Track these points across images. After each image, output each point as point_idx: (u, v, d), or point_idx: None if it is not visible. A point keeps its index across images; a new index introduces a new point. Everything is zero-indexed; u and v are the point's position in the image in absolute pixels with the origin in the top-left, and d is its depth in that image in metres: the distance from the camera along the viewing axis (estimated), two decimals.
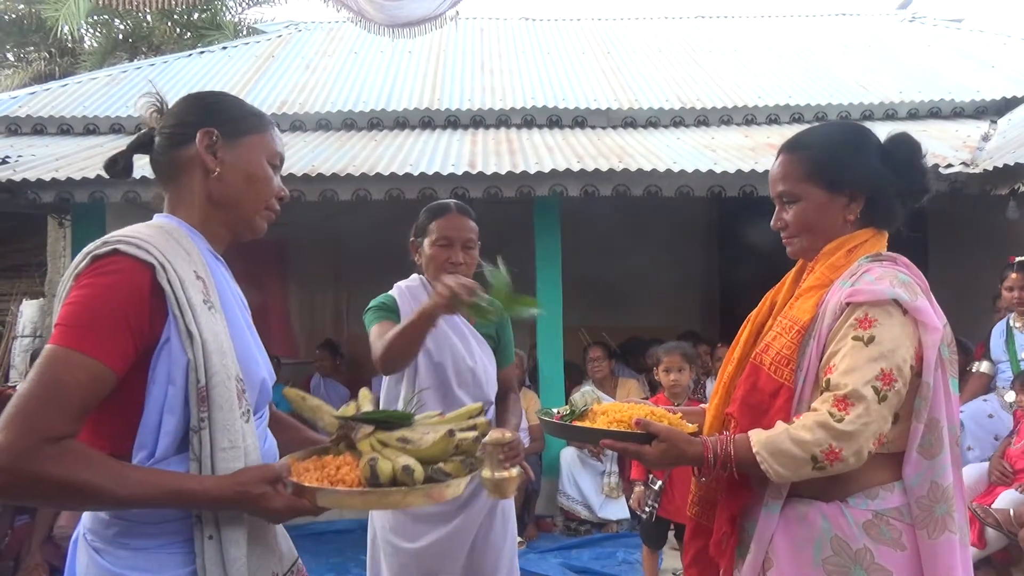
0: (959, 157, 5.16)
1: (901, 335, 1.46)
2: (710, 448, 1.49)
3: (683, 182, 5.01)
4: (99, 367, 1.17)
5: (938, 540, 1.46)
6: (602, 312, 6.90)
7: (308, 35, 9.23)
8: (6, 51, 12.59)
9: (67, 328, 1.18)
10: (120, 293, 1.21)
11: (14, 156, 5.59)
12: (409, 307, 2.33)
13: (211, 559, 1.24)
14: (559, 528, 5.15)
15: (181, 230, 1.34)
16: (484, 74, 7.94)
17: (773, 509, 1.54)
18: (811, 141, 1.65)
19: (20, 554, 4.46)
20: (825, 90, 7.36)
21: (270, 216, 1.44)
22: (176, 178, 1.38)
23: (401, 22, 4.29)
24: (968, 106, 7.00)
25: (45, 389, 1.15)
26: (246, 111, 1.43)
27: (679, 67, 8.24)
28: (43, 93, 7.39)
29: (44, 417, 1.14)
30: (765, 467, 1.44)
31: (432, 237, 2.37)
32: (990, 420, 4.20)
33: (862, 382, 1.42)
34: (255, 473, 1.26)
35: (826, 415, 1.43)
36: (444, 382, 2.32)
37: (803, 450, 1.42)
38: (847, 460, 1.42)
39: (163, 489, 1.19)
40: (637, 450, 1.53)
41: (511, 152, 5.79)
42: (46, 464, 1.13)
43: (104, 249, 1.23)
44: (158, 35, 11.91)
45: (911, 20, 9.84)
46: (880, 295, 1.46)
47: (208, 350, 1.24)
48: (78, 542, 1.31)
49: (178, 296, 1.24)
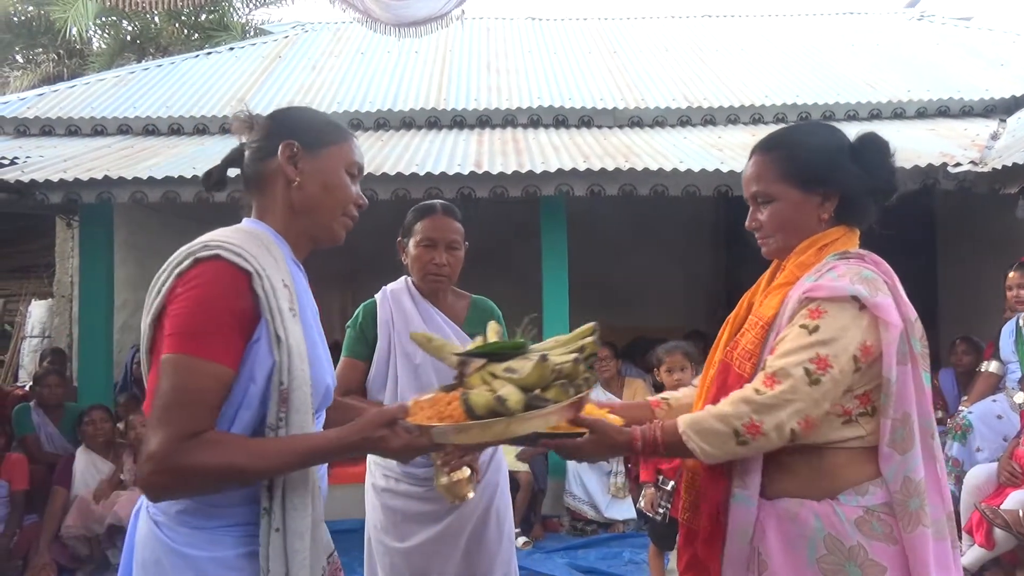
0: (968, 156, 5.13)
1: (849, 326, 1.47)
2: (638, 435, 1.54)
3: (690, 181, 5.00)
4: (222, 370, 1.28)
5: (912, 534, 1.47)
6: (608, 312, 6.88)
7: (315, 36, 9.25)
8: (15, 53, 12.64)
9: (188, 336, 1.27)
10: (230, 298, 1.30)
11: (22, 157, 5.61)
12: (388, 314, 2.38)
13: (275, 549, 1.31)
14: (565, 528, 5.14)
15: (269, 236, 1.43)
16: (490, 74, 7.94)
17: (743, 501, 1.55)
18: (784, 141, 1.66)
19: (28, 553, 4.48)
20: (832, 89, 7.33)
21: (347, 223, 1.53)
22: (262, 188, 1.47)
23: (407, 21, 4.29)
24: (977, 105, 6.96)
25: (179, 398, 1.25)
26: (325, 123, 1.52)
27: (686, 66, 8.22)
28: (51, 94, 7.42)
29: (182, 421, 1.25)
30: (692, 446, 1.48)
31: (417, 238, 2.39)
32: (999, 421, 4.17)
33: (794, 363, 1.45)
34: (373, 418, 1.36)
35: (750, 391, 1.47)
36: (423, 382, 2.32)
37: (725, 424, 1.46)
38: (768, 435, 1.44)
39: (297, 452, 1.31)
40: (573, 444, 1.55)
41: (517, 152, 5.79)
42: (191, 456, 1.24)
43: (206, 253, 1.31)
44: (166, 36, 11.94)
45: (919, 18, 9.79)
46: (838, 291, 1.48)
47: (292, 355, 1.33)
48: (139, 514, 1.38)
49: (271, 302, 1.33)
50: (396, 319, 2.39)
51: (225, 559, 1.31)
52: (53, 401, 5.16)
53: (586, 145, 6.05)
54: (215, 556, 1.31)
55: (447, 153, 5.77)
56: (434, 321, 2.38)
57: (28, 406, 5.18)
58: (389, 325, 2.39)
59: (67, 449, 5.04)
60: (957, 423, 4.23)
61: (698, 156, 5.43)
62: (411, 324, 2.35)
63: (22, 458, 4.73)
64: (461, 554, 2.34)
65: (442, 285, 2.42)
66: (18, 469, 4.62)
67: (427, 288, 2.42)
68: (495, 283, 2.65)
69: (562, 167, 5.05)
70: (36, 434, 5.08)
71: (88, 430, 4.71)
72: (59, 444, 5.09)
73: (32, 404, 5.19)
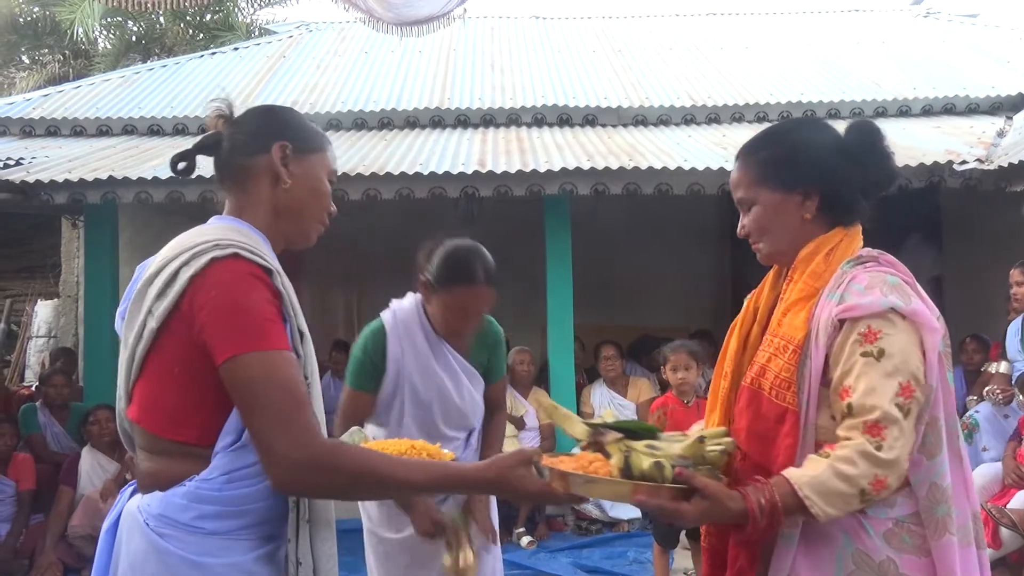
0: (974, 154, 5.11)
1: (908, 343, 1.40)
2: (752, 500, 1.37)
3: (694, 180, 4.99)
4: (292, 356, 1.29)
5: (939, 542, 1.41)
6: (613, 311, 6.88)
7: (319, 35, 9.26)
8: (21, 53, 12.69)
9: (251, 333, 1.25)
10: (263, 291, 1.29)
11: (28, 157, 5.63)
12: (398, 350, 2.27)
13: (303, 541, 1.30)
14: (570, 527, 5.13)
15: (253, 234, 1.39)
16: (494, 73, 7.93)
17: (790, 537, 1.47)
18: (759, 144, 1.62)
19: (35, 552, 4.50)
20: (838, 87, 7.30)
21: (320, 229, 1.53)
22: (244, 184, 1.43)
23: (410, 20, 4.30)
24: (983, 102, 6.93)
25: (282, 391, 1.23)
26: (314, 129, 1.52)
27: (690, 64, 8.20)
28: (57, 95, 7.45)
29: (303, 415, 1.24)
30: (815, 510, 1.36)
31: (450, 299, 2.21)
32: (1006, 420, 4.15)
33: (887, 401, 1.36)
34: (514, 457, 1.37)
35: (865, 444, 1.36)
36: (429, 419, 2.30)
37: (851, 485, 1.35)
38: (891, 486, 1.38)
39: (435, 474, 1.34)
40: (675, 509, 1.38)
41: (521, 151, 5.79)
42: (339, 457, 1.26)
43: (223, 252, 1.28)
44: (171, 36, 11.96)
45: (925, 15, 9.75)
46: (874, 307, 1.40)
47: (308, 349, 1.35)
48: (125, 529, 1.30)
49: (291, 298, 1.34)
50: (407, 355, 2.28)
51: (242, 564, 1.28)
52: (59, 401, 5.18)
53: (590, 144, 6.04)
54: (232, 562, 1.27)
55: (451, 152, 5.76)
56: (445, 360, 2.31)
57: (34, 406, 5.20)
58: (399, 361, 2.28)
59: (73, 449, 5.06)
60: (964, 422, 4.22)
61: (703, 155, 5.42)
62: (422, 362, 2.28)
63: (29, 458, 4.75)
64: None
65: (464, 339, 2.34)
66: (25, 469, 4.64)
67: (446, 335, 2.31)
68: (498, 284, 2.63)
69: (566, 166, 5.04)
70: (42, 434, 5.10)
71: (94, 430, 4.72)
72: (65, 444, 5.11)
73: (38, 404, 5.21)
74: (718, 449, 1.47)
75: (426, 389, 2.28)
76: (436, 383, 2.29)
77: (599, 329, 6.27)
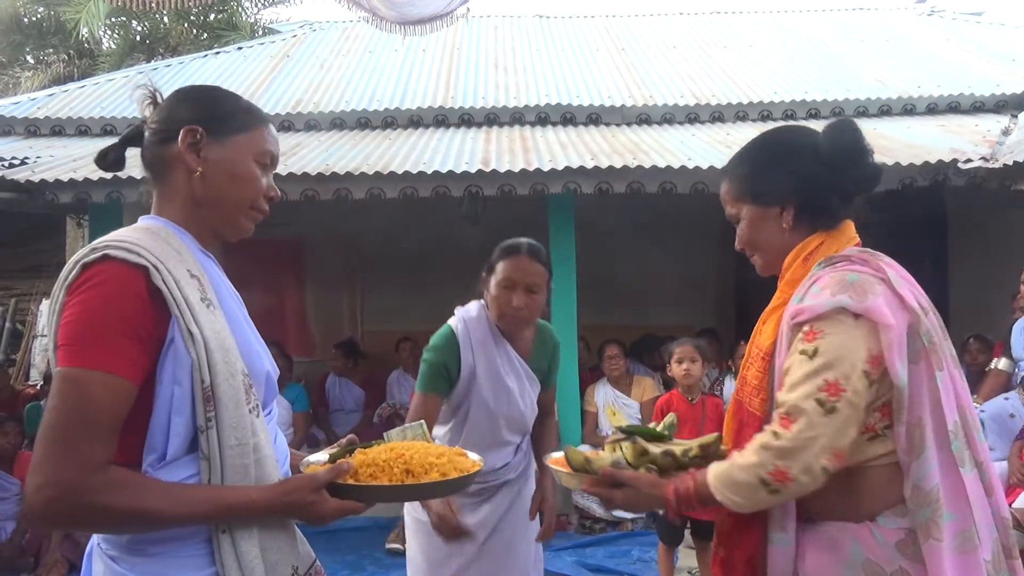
0: (979, 152, 5.09)
1: (848, 341, 1.38)
2: (671, 488, 1.48)
3: (698, 179, 4.98)
4: (118, 381, 1.16)
5: (925, 547, 1.37)
6: (617, 310, 6.88)
7: (323, 35, 9.26)
8: (26, 53, 12.71)
9: (74, 347, 1.16)
10: (120, 301, 1.18)
11: (33, 157, 5.64)
12: (470, 355, 2.33)
13: (227, 554, 1.24)
14: (574, 526, 5.13)
15: (168, 230, 1.32)
16: (498, 72, 7.93)
17: (781, 542, 1.48)
18: (737, 161, 1.67)
19: (40, 550, 4.51)
20: (842, 85, 7.29)
21: (256, 216, 1.40)
22: (162, 175, 1.36)
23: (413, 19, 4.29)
24: (988, 100, 6.91)
25: (72, 415, 1.14)
26: (236, 107, 1.39)
27: (694, 63, 8.19)
28: (61, 95, 7.47)
29: (82, 445, 1.13)
30: (722, 498, 1.41)
31: (498, 277, 2.31)
32: (1012, 419, 4.13)
33: (803, 396, 1.37)
34: (303, 481, 1.29)
35: (768, 435, 1.39)
36: (494, 424, 2.38)
37: (750, 475, 1.38)
38: (799, 479, 1.35)
39: (214, 504, 1.21)
40: (608, 495, 1.54)
41: (525, 150, 5.78)
42: (103, 495, 1.14)
43: (93, 256, 1.20)
44: (175, 36, 11.99)
45: (930, 13, 9.72)
46: (820, 308, 1.41)
47: (210, 348, 1.23)
48: (93, 553, 1.29)
49: (175, 296, 1.22)
50: (479, 363, 2.34)
51: None
52: None
53: (594, 143, 6.04)
54: None
55: (455, 151, 5.76)
56: (512, 364, 2.39)
57: (39, 405, 5.22)
58: (472, 366, 2.34)
59: None
60: None
61: (706, 153, 5.41)
62: (493, 370, 2.35)
63: None
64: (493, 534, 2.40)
65: (518, 327, 2.37)
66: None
67: (504, 328, 2.38)
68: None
69: (570, 165, 5.04)
70: None
71: None
72: None
73: (42, 403, 5.23)
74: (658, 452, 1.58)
75: (495, 398, 2.35)
76: (505, 390, 2.36)
77: (603, 328, 6.27)
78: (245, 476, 1.26)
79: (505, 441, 2.40)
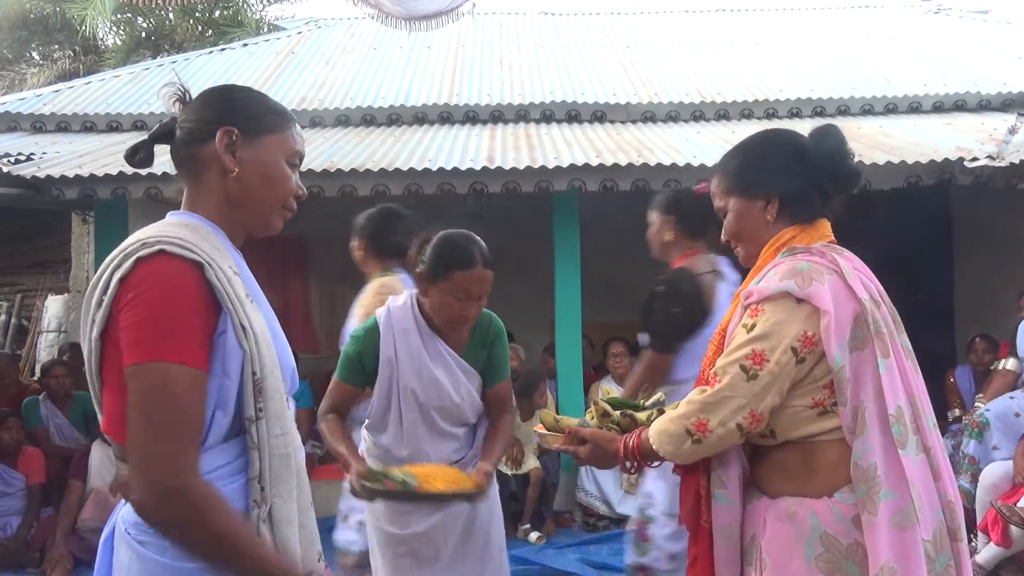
0: (985, 150, 5.07)
1: (785, 320, 1.54)
2: (621, 443, 1.70)
3: (703, 176, 4.96)
4: (199, 374, 1.20)
5: (864, 520, 1.48)
6: (621, 308, 6.85)
7: (328, 31, 9.26)
8: (31, 50, 12.73)
9: (155, 342, 1.18)
10: (186, 295, 1.21)
11: (39, 153, 5.66)
12: (391, 351, 2.26)
13: (264, 538, 1.26)
14: (577, 524, 5.14)
15: (206, 228, 1.33)
16: (503, 69, 7.93)
17: (724, 500, 1.61)
18: (728, 157, 1.81)
19: (45, 545, 4.53)
20: (848, 83, 7.26)
21: (286, 215, 1.43)
22: (196, 174, 1.37)
23: (418, 15, 4.30)
24: (994, 99, 6.88)
25: (164, 409, 1.17)
26: (267, 108, 1.41)
27: (699, 61, 8.17)
28: (67, 91, 7.48)
29: (184, 444, 1.18)
30: (657, 447, 1.60)
31: (449, 285, 2.19)
32: (1017, 419, 4.12)
33: (731, 361, 1.55)
34: None
35: (698, 391, 1.59)
36: (428, 418, 2.30)
37: (679, 425, 1.57)
38: (715, 431, 1.53)
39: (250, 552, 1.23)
40: (574, 451, 1.78)
41: (530, 147, 5.78)
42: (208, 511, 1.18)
43: (148, 251, 1.22)
44: (180, 33, 11.99)
45: (936, 11, 9.68)
46: (766, 291, 1.57)
47: (259, 342, 1.27)
48: (115, 539, 1.29)
49: (227, 291, 1.25)
50: (401, 356, 2.27)
51: None
52: (61, 392, 5.18)
53: (599, 140, 6.03)
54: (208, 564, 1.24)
55: (459, 148, 5.76)
56: (441, 358, 2.29)
57: (36, 399, 5.20)
58: (392, 363, 2.27)
59: (77, 440, 5.08)
60: (974, 420, 4.19)
61: (712, 151, 5.40)
62: (416, 363, 2.26)
63: (38, 452, 4.78)
64: (458, 538, 2.33)
65: (463, 330, 2.32)
66: (35, 462, 4.68)
67: (444, 328, 2.29)
68: (506, 280, 2.62)
69: (575, 162, 5.04)
70: (45, 427, 5.10)
71: None
72: (69, 435, 5.13)
73: (41, 397, 5.23)
74: (616, 414, 1.81)
75: (423, 389, 2.27)
76: (433, 382, 2.27)
77: (607, 326, 6.26)
78: (287, 465, 1.29)
79: (445, 431, 2.31)
